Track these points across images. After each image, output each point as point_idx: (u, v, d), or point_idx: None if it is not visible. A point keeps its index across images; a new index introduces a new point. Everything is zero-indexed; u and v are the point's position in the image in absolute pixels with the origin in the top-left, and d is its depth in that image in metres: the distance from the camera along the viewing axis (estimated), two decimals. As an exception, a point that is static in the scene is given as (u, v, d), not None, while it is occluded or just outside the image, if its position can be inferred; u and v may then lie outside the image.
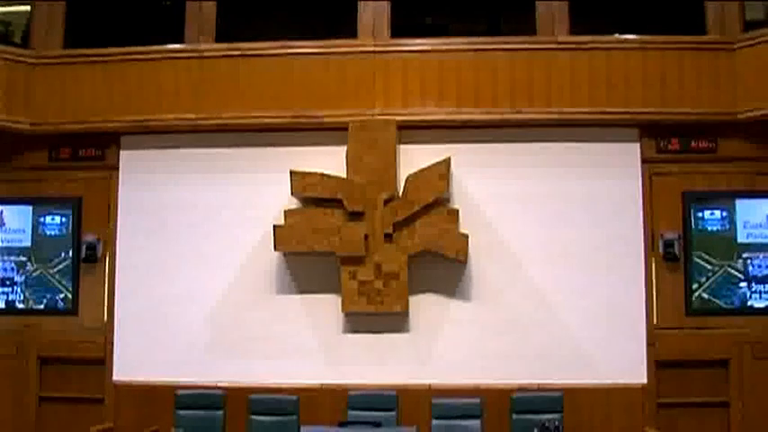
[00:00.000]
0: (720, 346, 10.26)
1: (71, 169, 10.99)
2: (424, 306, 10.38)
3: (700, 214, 10.47)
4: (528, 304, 10.34)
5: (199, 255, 10.60)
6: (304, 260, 10.46)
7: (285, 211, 10.35)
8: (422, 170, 10.29)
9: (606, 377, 10.15)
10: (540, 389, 10.07)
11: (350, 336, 10.42)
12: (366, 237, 10.23)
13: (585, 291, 10.30)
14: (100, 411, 10.55)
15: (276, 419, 9.84)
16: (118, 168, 10.89)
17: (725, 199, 10.46)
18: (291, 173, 10.30)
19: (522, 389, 10.06)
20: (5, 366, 10.75)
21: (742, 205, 10.45)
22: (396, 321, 10.34)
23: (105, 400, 10.61)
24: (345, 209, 10.28)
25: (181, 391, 10.17)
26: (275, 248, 10.32)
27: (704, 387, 10.29)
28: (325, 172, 10.33)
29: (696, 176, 10.49)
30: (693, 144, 10.46)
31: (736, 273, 10.40)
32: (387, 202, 10.25)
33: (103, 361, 10.65)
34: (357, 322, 10.39)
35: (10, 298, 10.98)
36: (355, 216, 10.27)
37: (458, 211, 10.30)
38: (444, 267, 10.33)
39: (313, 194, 10.34)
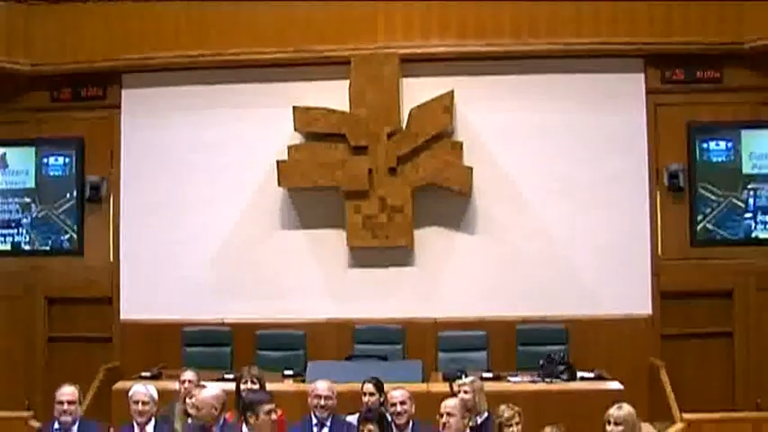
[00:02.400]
0: (724, 277, 10.29)
1: (73, 109, 10.94)
2: (429, 240, 10.40)
3: (705, 145, 10.43)
4: (532, 237, 10.35)
5: (203, 192, 10.60)
6: (308, 196, 10.45)
7: (289, 147, 10.33)
8: (425, 103, 10.23)
9: (611, 309, 10.18)
10: (545, 321, 10.12)
11: (355, 270, 10.45)
12: (370, 171, 10.22)
13: (590, 223, 10.31)
14: (108, 350, 10.64)
15: (283, 354, 9.89)
16: (120, 107, 10.84)
17: (730, 130, 10.41)
18: (294, 108, 10.25)
19: (526, 321, 10.12)
20: (13, 308, 10.82)
21: (747, 136, 10.40)
22: (401, 255, 10.37)
23: (113, 338, 10.69)
24: (349, 143, 10.25)
25: (188, 328, 10.24)
26: (279, 184, 10.31)
27: (708, 318, 10.36)
28: (329, 107, 10.29)
29: (701, 107, 10.43)
30: (699, 74, 10.38)
31: (741, 204, 10.40)
32: (390, 135, 10.22)
33: (110, 300, 10.71)
34: (362, 257, 10.41)
35: (16, 240, 11.00)
36: (359, 150, 10.25)
37: (462, 144, 10.26)
38: (449, 201, 10.32)
39: (316, 130, 10.31)
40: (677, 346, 10.24)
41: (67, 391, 6.42)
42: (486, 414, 6.50)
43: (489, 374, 8.80)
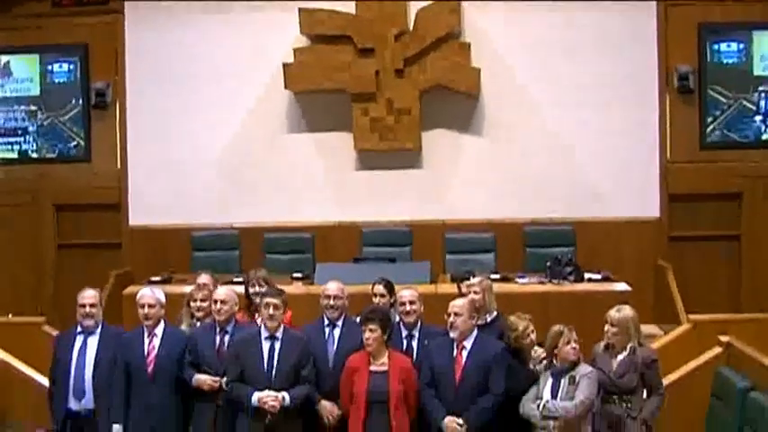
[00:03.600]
0: (733, 180, 10.28)
1: (75, 15, 10.78)
2: (436, 142, 10.36)
3: (716, 47, 10.30)
4: (540, 139, 10.30)
5: (209, 97, 10.50)
6: (315, 99, 10.38)
7: (294, 50, 10.22)
8: (432, 4, 10.11)
9: (619, 211, 10.20)
10: (553, 223, 10.14)
11: (362, 173, 10.44)
12: (377, 73, 10.14)
13: (598, 125, 10.25)
14: (117, 256, 10.69)
15: (291, 258, 9.95)
16: (123, 12, 10.69)
17: (742, 31, 10.26)
18: (300, 10, 10.13)
19: (534, 223, 10.15)
20: (22, 215, 10.85)
21: (759, 37, 10.26)
22: (408, 158, 10.34)
23: (122, 244, 10.75)
24: (355, 45, 10.16)
25: (196, 233, 10.30)
26: (286, 87, 10.24)
27: (716, 221, 10.37)
28: (335, 9, 10.16)
29: (713, 7, 10.27)
30: (711, -27, 10.20)
31: (751, 106, 10.31)
32: (397, 37, 10.11)
33: (119, 206, 10.74)
34: (369, 160, 10.39)
35: (23, 148, 10.98)
36: (365, 53, 10.15)
37: (469, 45, 10.16)
38: (456, 103, 10.25)
39: (322, 32, 10.21)
40: (684, 249, 10.27)
41: (89, 295, 6.41)
42: (495, 313, 6.53)
43: (497, 276, 8.83)
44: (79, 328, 6.39)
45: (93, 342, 6.34)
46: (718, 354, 6.92)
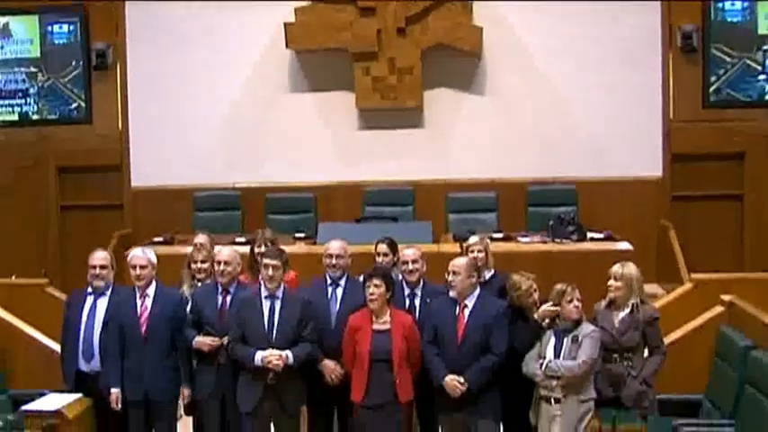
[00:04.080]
0: (737, 140, 10.24)
1: (72, -25, 10.72)
2: (438, 101, 10.32)
3: (720, 5, 10.23)
4: (543, 99, 10.27)
5: (210, 58, 10.45)
6: (316, 58, 10.34)
7: (296, 9, 10.16)
8: (433, -39, 10.03)
9: (621, 170, 10.19)
10: (556, 182, 10.14)
11: (365, 132, 10.42)
12: (378, 32, 10.08)
13: (602, 85, 10.20)
14: (120, 217, 10.72)
15: (293, 218, 9.98)
16: (121, -29, 10.64)
17: (747, -12, 10.17)
18: (301, -31, 10.07)
19: (537, 182, 10.14)
20: (25, 178, 10.84)
21: (765, -5, 10.16)
22: (410, 117, 10.32)
23: (124, 206, 10.76)
24: (356, 4, 10.09)
25: (198, 194, 10.32)
26: (287, 47, 10.20)
27: (719, 180, 10.36)
28: (335, -34, 10.10)
29: (717, -35, 10.18)
30: (716, -73, 10.08)
31: (756, 65, 10.25)
32: (398, -5, 10.05)
33: (120, 167, 10.73)
34: (371, 118, 10.37)
35: (24, 109, 10.95)
36: (367, 11, 10.08)
37: (471, 4, 10.09)
38: (458, 62, 10.20)
39: (323, -10, 10.14)
40: (687, 208, 10.27)
41: (100, 256, 6.38)
42: (492, 271, 6.53)
43: (500, 235, 8.84)
44: (89, 289, 6.38)
45: (102, 303, 6.32)
46: (720, 313, 6.93)
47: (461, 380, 5.74)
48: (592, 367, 5.64)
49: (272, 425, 6.01)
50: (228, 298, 6.19)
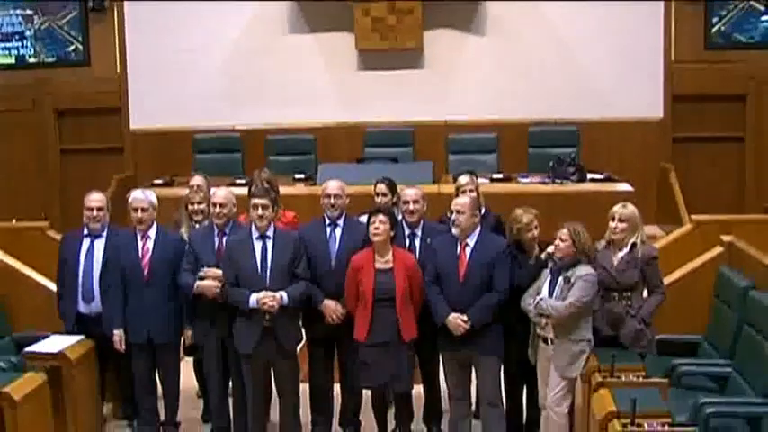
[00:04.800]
0: (738, 82, 10.21)
1: None
2: (439, 42, 10.26)
3: (724, -57, 10.11)
4: (544, 40, 10.21)
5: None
6: (315, -2, 10.24)
7: (294, -51, 10.06)
8: None
9: (622, 111, 10.16)
10: (557, 123, 10.10)
11: (365, 73, 10.37)
12: (378, -29, 9.97)
13: (603, 26, 10.14)
14: (120, 160, 10.71)
15: (293, 159, 9.97)
16: None
17: (751, -74, 10.06)
18: None
19: (537, 123, 10.10)
20: (23, 121, 10.82)
21: (769, -68, 10.08)
22: (410, 58, 10.25)
23: (124, 148, 10.73)
24: (356, -56, 9.98)
25: (198, 136, 10.30)
26: (286, -13, 10.12)
27: (720, 122, 10.34)
28: None
29: None
30: None
31: (759, 6, 10.18)
32: (397, -67, 9.92)
33: (119, 110, 10.67)
34: (371, 60, 10.30)
35: (20, 53, 10.89)
36: (366, -50, 9.97)
37: (472, -57, 9.98)
38: (459, 3, 10.10)
39: (322, -70, 10.02)
40: (688, 150, 10.27)
41: (96, 198, 6.37)
42: (483, 209, 6.51)
43: (500, 176, 8.83)
44: (86, 231, 6.38)
45: (99, 245, 6.34)
46: (720, 253, 6.92)
47: (464, 318, 5.76)
48: (579, 309, 5.60)
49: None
50: (225, 239, 6.14)
